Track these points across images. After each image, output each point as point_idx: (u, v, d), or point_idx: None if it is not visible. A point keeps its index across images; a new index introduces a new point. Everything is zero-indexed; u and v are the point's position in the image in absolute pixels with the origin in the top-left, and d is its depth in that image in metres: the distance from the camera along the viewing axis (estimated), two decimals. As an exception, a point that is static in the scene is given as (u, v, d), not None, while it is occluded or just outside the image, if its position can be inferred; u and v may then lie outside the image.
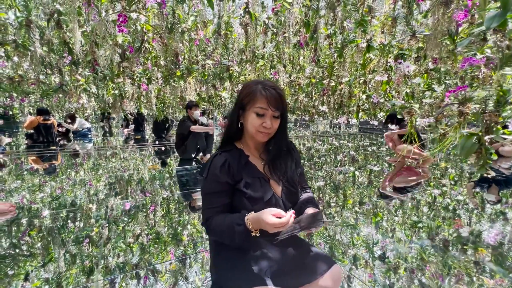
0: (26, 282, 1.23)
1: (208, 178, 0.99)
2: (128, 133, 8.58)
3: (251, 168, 1.02)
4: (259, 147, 1.09)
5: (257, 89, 0.99)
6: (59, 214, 2.02)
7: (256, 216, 0.90)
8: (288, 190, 1.05)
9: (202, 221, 0.99)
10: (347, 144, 6.73)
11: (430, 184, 2.94)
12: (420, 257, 1.46)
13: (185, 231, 1.76)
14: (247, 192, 0.97)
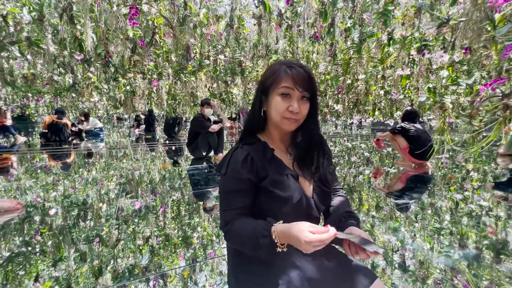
0: (36, 283, 1.14)
1: (227, 174, 0.84)
2: (139, 133, 8.63)
3: (278, 164, 0.87)
4: (286, 139, 0.94)
5: (281, 68, 0.84)
6: (69, 212, 1.94)
7: (286, 230, 0.74)
8: (321, 190, 0.89)
9: (220, 225, 0.85)
10: (357, 145, 6.48)
11: (451, 189, 2.71)
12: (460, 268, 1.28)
13: (195, 233, 1.64)
14: (274, 191, 0.82)
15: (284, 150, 0.93)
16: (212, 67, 3.33)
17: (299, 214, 0.84)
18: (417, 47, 2.79)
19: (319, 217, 0.92)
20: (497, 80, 1.89)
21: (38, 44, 3.40)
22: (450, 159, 4.24)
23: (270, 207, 0.84)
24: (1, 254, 1.36)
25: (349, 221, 0.85)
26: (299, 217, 0.85)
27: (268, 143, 0.91)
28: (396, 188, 2.64)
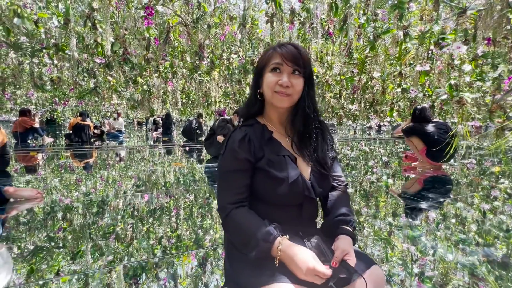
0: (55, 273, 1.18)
1: (225, 154, 0.84)
2: (156, 136, 8.91)
3: (275, 145, 0.86)
4: (284, 120, 0.93)
5: (272, 48, 0.88)
6: (87, 203, 2.01)
7: (292, 248, 0.73)
8: (319, 173, 0.87)
9: (218, 206, 0.84)
10: (373, 151, 6.26)
11: (476, 196, 2.52)
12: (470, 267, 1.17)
13: (200, 221, 1.64)
14: (270, 171, 0.81)
15: (283, 133, 0.92)
16: (225, 66, 3.39)
17: (295, 195, 0.82)
18: (434, 41, 2.67)
19: (315, 199, 0.89)
20: None
21: (64, 50, 3.64)
22: (476, 163, 3.98)
23: (267, 187, 0.83)
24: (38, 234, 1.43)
25: (341, 228, 0.83)
26: (295, 198, 0.83)
27: (268, 126, 0.90)
28: (410, 191, 2.50)
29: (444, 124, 3.27)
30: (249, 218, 0.79)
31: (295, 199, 0.84)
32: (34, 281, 1.02)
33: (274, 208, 0.84)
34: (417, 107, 3.38)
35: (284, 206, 0.85)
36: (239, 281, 0.76)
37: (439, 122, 3.21)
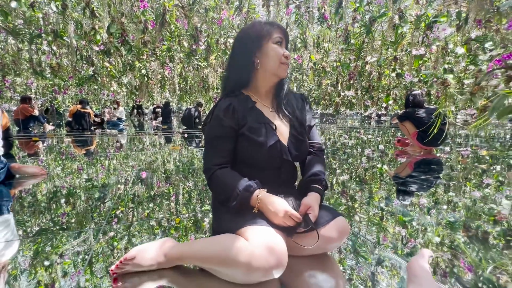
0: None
1: (211, 122, 0.94)
2: (156, 125, 8.97)
3: (257, 114, 0.96)
4: (270, 91, 1.02)
5: (266, 23, 0.96)
6: (88, 180, 2.11)
7: (270, 197, 0.84)
8: (296, 139, 0.97)
9: (204, 168, 0.94)
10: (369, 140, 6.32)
11: (461, 176, 2.61)
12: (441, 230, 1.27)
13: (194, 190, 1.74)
14: (250, 136, 0.90)
15: (267, 103, 1.02)
16: (222, 51, 3.42)
17: (273, 158, 0.92)
18: (428, 24, 2.70)
19: (293, 163, 0.99)
20: (508, 56, 1.81)
21: (62, 36, 3.67)
22: (461, 145, 4.06)
23: (248, 151, 0.92)
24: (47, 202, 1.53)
25: (311, 187, 0.94)
26: (274, 161, 0.93)
27: (251, 96, 0.99)
28: (398, 172, 2.60)
29: (436, 110, 3.33)
30: (231, 175, 0.89)
31: (274, 162, 0.94)
32: (42, 236, 1.12)
33: (255, 170, 0.94)
34: (410, 93, 3.43)
35: (264, 169, 0.95)
36: (222, 227, 0.86)
37: (431, 108, 3.27)
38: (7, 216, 1.36)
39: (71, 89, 7.80)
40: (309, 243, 0.81)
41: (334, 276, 0.87)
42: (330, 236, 0.85)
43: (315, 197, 0.89)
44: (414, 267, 0.71)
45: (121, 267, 0.80)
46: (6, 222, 1.30)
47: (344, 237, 0.88)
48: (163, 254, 0.82)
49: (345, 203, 1.57)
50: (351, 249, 1.04)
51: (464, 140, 4.94)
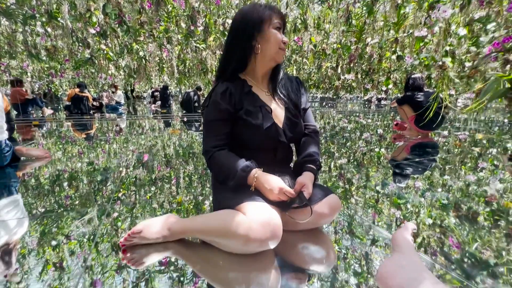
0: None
1: (209, 106, 0.97)
2: (155, 109, 8.93)
3: (253, 97, 0.99)
4: (266, 75, 1.05)
5: (266, 6, 0.96)
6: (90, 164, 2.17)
7: (266, 176, 0.89)
8: (291, 121, 1.00)
9: (203, 150, 0.98)
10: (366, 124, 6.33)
11: (456, 159, 2.67)
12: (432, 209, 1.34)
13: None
14: (247, 119, 0.94)
15: (263, 87, 1.04)
16: (221, 32, 3.36)
17: (269, 140, 0.97)
18: (430, 3, 2.63)
19: (287, 144, 1.04)
20: (508, 39, 1.80)
21: (56, 18, 3.58)
22: (459, 129, 4.09)
23: (245, 133, 0.96)
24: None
25: (306, 166, 0.99)
26: (269, 143, 0.98)
27: (248, 81, 1.01)
28: (394, 156, 2.65)
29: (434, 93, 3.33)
30: (229, 157, 0.93)
31: (270, 144, 0.98)
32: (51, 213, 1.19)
33: (252, 152, 0.98)
34: (410, 76, 3.42)
35: (260, 150, 0.99)
36: (221, 204, 0.92)
37: (430, 92, 3.27)
38: (16, 197, 1.43)
39: (68, 72, 7.69)
40: (303, 218, 0.87)
41: (326, 248, 0.94)
42: (322, 212, 0.91)
43: (309, 176, 0.94)
44: (398, 238, 0.78)
45: (129, 240, 0.87)
46: (15, 202, 1.36)
47: (336, 213, 0.95)
48: (167, 228, 0.89)
49: (338, 183, 1.63)
50: (342, 225, 1.11)
51: (463, 124, 4.97)
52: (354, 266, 0.84)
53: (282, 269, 0.82)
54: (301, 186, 0.89)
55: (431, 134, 3.52)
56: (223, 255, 0.86)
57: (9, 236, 1.01)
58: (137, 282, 0.74)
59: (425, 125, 3.20)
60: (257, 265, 0.82)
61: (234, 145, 0.99)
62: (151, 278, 0.76)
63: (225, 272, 0.79)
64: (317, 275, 0.80)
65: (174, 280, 0.77)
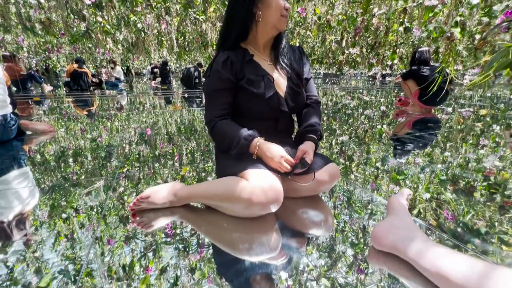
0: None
1: (210, 76, 0.97)
2: (155, 85, 8.81)
3: (255, 66, 0.98)
4: (268, 44, 1.03)
5: None
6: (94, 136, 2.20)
7: (268, 144, 0.91)
8: (293, 91, 1.00)
9: (205, 120, 0.99)
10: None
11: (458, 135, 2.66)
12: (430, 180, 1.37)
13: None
14: (249, 88, 0.94)
15: (265, 56, 1.03)
16: (221, 2, 3.21)
17: (271, 109, 0.98)
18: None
19: (289, 114, 1.05)
20: None
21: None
22: (463, 105, 4.05)
23: (247, 103, 0.97)
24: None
25: (307, 136, 1.01)
26: (271, 112, 0.99)
27: (249, 50, 1.00)
28: (396, 131, 2.65)
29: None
30: (231, 126, 0.95)
31: (271, 113, 0.99)
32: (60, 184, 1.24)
33: (254, 121, 1.00)
34: (417, 50, 3.31)
35: (262, 120, 1.01)
36: (225, 172, 0.95)
37: (436, 66, 3.19)
38: (25, 169, 1.47)
39: (65, 47, 7.49)
40: (305, 183, 0.92)
41: (324, 213, 0.99)
42: (322, 179, 0.95)
43: (310, 145, 0.97)
44: (393, 202, 0.82)
45: (138, 205, 0.92)
46: (24, 174, 1.41)
47: (335, 180, 0.98)
48: (174, 194, 0.93)
49: (339, 158, 1.67)
50: (341, 193, 1.16)
51: (468, 100, 4.89)
52: (351, 229, 0.89)
53: (283, 231, 0.87)
54: (302, 153, 0.92)
55: (434, 110, 3.50)
56: (227, 218, 0.91)
57: (22, 206, 1.06)
58: (144, 252, 0.79)
59: (429, 100, 3.17)
60: (259, 227, 0.88)
61: (235, 115, 1.01)
62: (158, 248, 0.82)
63: (229, 234, 0.85)
64: (315, 237, 0.85)
65: (181, 245, 0.82)
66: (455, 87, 6.26)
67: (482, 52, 1.74)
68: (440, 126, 2.68)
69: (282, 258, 0.74)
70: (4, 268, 0.71)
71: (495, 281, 0.48)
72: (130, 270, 0.71)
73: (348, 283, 0.66)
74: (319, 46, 5.29)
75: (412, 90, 3.30)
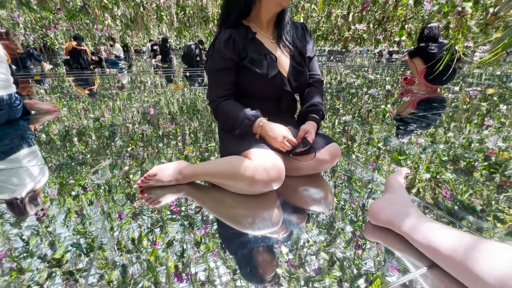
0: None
1: (213, 55, 0.95)
2: (156, 64, 8.64)
3: (258, 45, 0.96)
4: (271, 22, 1.00)
5: None
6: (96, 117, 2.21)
7: (271, 124, 0.91)
8: (296, 70, 0.99)
9: (209, 100, 0.99)
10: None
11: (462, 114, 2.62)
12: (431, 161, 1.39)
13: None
14: (252, 68, 0.93)
15: (267, 34, 1.00)
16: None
17: (274, 89, 0.97)
18: None
19: (292, 93, 1.05)
20: None
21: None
22: (471, 84, 3.95)
23: (250, 83, 0.96)
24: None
25: (309, 116, 1.01)
26: (274, 92, 0.98)
27: (252, 28, 0.97)
28: (399, 111, 2.63)
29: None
30: (235, 106, 0.95)
31: (274, 93, 0.99)
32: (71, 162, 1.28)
33: (257, 101, 1.00)
34: (426, 25, 3.17)
35: (265, 99, 1.01)
36: (228, 151, 0.97)
37: (445, 42, 3.07)
38: (33, 148, 1.51)
39: (62, 24, 7.28)
40: (306, 161, 0.94)
41: (324, 191, 1.02)
42: (324, 159, 0.97)
43: (312, 124, 0.98)
44: (391, 180, 0.84)
45: (145, 182, 0.96)
46: (33, 153, 1.45)
47: (336, 160, 1.00)
48: (179, 172, 0.96)
49: (341, 137, 1.68)
50: (341, 171, 1.18)
51: (477, 79, 4.76)
52: (351, 207, 0.93)
53: (284, 208, 0.91)
54: (304, 132, 0.94)
55: (440, 89, 3.43)
56: (231, 195, 0.95)
57: (34, 184, 1.11)
58: (151, 228, 0.83)
59: (435, 78, 3.10)
60: (261, 204, 0.91)
61: (238, 94, 1.01)
62: (164, 224, 0.86)
63: (233, 210, 0.89)
64: (315, 214, 0.89)
65: (186, 222, 0.86)
66: (463, 65, 6.07)
67: (494, 28, 1.67)
68: (445, 106, 2.65)
69: (283, 232, 0.78)
70: (20, 241, 0.77)
71: (481, 253, 0.51)
72: (139, 243, 0.76)
73: (346, 257, 0.71)
74: (325, 22, 5.08)
75: (419, 68, 3.22)
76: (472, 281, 0.51)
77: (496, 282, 0.46)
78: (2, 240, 0.77)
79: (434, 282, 0.60)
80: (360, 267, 0.66)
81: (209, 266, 0.67)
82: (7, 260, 0.69)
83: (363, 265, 0.67)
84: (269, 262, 0.68)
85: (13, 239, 0.77)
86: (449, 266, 0.57)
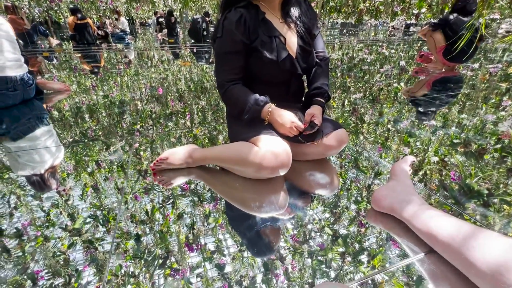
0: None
1: (223, 36, 0.91)
2: (162, 38, 8.43)
3: (268, 25, 0.93)
4: (278, 2, 0.96)
5: None
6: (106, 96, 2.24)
7: (279, 110, 0.91)
8: (304, 50, 0.97)
9: (217, 83, 0.98)
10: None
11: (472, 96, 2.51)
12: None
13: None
14: (262, 51, 0.90)
15: (277, 14, 0.97)
16: None
17: (283, 73, 0.96)
18: None
19: (301, 76, 1.03)
20: None
21: None
22: (492, 61, 3.72)
23: (259, 66, 0.95)
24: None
25: (314, 100, 1.01)
26: (284, 75, 0.97)
27: (261, 7, 0.94)
28: (412, 91, 2.53)
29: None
30: (244, 91, 0.95)
31: (284, 76, 0.98)
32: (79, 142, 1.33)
33: (266, 86, 0.99)
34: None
35: (274, 84, 1.00)
36: (237, 137, 0.99)
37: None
38: (49, 127, 1.57)
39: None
40: (313, 146, 0.96)
41: (330, 176, 1.05)
42: (330, 144, 0.98)
43: (318, 108, 0.98)
44: (396, 168, 0.85)
45: (158, 165, 1.00)
46: (49, 132, 1.51)
47: (343, 146, 1.01)
48: (190, 156, 1.00)
49: (350, 118, 1.66)
50: (348, 157, 1.20)
51: (499, 56, 4.47)
52: (355, 191, 0.96)
53: (290, 192, 0.94)
54: (310, 116, 0.94)
55: (457, 67, 3.26)
56: (239, 179, 0.98)
57: (53, 160, 1.17)
58: (163, 204, 0.89)
59: (455, 57, 2.93)
60: (268, 187, 0.95)
61: (247, 78, 1.00)
62: (176, 201, 0.91)
63: (241, 193, 0.93)
64: (320, 197, 0.92)
65: (196, 198, 0.91)
66: (486, 40, 5.66)
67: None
68: (461, 86, 2.54)
69: (289, 214, 0.82)
70: (41, 212, 0.84)
71: (477, 241, 0.53)
72: (152, 215, 0.82)
73: (349, 234, 0.75)
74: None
75: (438, 44, 3.03)
76: (466, 267, 0.54)
77: (488, 269, 0.49)
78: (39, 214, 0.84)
79: (430, 267, 0.63)
80: (362, 242, 0.71)
81: (218, 239, 0.73)
82: (50, 231, 0.76)
83: (365, 242, 0.71)
84: (274, 236, 0.73)
85: (35, 211, 0.84)
86: (446, 252, 0.60)
